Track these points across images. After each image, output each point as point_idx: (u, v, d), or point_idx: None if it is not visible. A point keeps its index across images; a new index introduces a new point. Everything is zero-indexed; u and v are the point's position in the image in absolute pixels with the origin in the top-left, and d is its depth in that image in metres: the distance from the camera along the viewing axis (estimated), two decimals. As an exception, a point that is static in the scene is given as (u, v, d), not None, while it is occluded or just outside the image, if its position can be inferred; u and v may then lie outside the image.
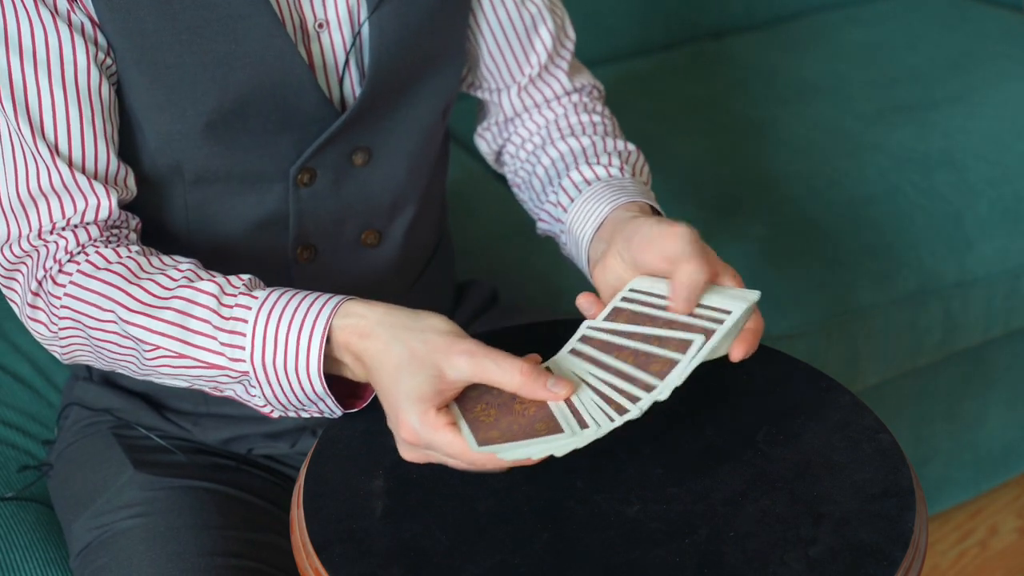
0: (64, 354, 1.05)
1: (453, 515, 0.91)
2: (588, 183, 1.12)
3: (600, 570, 0.86)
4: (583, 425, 0.89)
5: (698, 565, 0.86)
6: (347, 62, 1.09)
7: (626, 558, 0.87)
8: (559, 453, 0.87)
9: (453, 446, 0.88)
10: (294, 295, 0.96)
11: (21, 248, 1.02)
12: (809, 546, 0.87)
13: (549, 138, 1.21)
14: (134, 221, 1.07)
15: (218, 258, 1.07)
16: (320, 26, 1.08)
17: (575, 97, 1.24)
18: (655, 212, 1.09)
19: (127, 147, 1.07)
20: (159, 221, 1.10)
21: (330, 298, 0.95)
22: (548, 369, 0.95)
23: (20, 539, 1.23)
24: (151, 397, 1.21)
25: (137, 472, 1.15)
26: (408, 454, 0.92)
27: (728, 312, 0.93)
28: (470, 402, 0.92)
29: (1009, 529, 1.99)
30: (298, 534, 0.91)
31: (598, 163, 1.14)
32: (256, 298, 0.96)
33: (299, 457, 1.22)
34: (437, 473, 0.94)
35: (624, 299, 0.99)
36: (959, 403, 1.87)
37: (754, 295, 0.94)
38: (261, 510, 1.16)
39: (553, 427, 0.89)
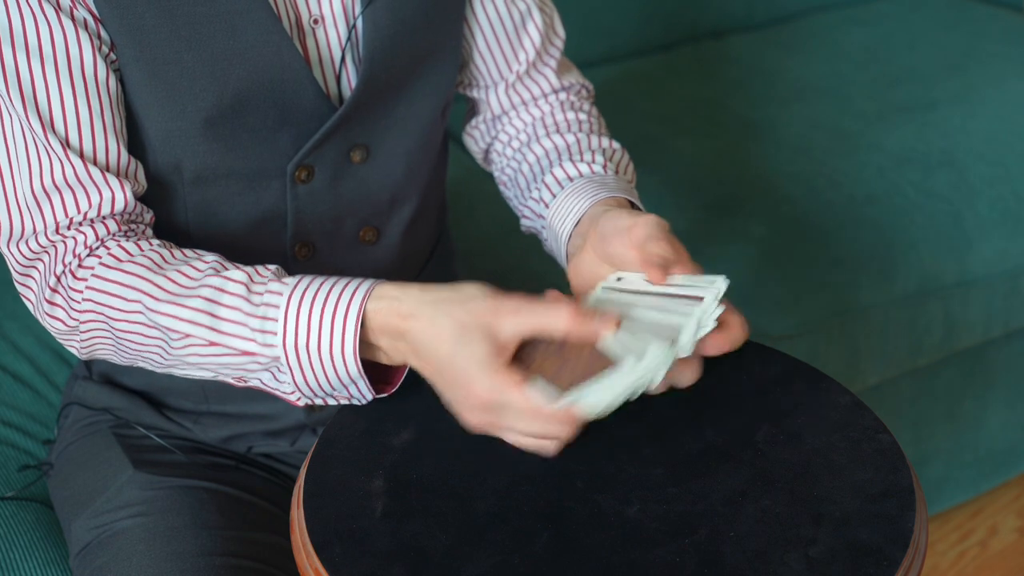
0: (83, 349, 1.04)
1: (453, 515, 0.91)
2: (570, 179, 1.13)
3: (600, 570, 0.86)
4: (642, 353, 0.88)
5: (698, 565, 0.86)
6: (343, 58, 1.09)
7: (626, 558, 0.87)
8: (642, 385, 0.88)
9: (530, 402, 0.88)
10: (325, 280, 0.96)
11: (38, 244, 1.02)
12: (809, 546, 0.87)
13: (535, 135, 1.21)
14: (148, 215, 1.06)
15: (217, 256, 1.07)
16: (315, 22, 1.08)
17: (562, 95, 1.24)
18: (635, 208, 1.09)
19: (128, 146, 1.07)
20: (158, 220, 1.10)
21: (362, 281, 0.95)
22: None
23: (20, 539, 1.23)
24: (151, 396, 1.21)
25: (137, 472, 1.15)
26: (475, 418, 0.91)
27: (712, 282, 0.94)
28: (525, 360, 0.92)
29: (1009, 529, 1.99)
30: (298, 534, 0.91)
31: (581, 160, 1.14)
32: (287, 284, 0.96)
33: (299, 456, 1.22)
34: (437, 473, 0.94)
35: (605, 290, 0.99)
36: (959, 403, 1.87)
37: (722, 279, 0.95)
38: (261, 510, 1.16)
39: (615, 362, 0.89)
